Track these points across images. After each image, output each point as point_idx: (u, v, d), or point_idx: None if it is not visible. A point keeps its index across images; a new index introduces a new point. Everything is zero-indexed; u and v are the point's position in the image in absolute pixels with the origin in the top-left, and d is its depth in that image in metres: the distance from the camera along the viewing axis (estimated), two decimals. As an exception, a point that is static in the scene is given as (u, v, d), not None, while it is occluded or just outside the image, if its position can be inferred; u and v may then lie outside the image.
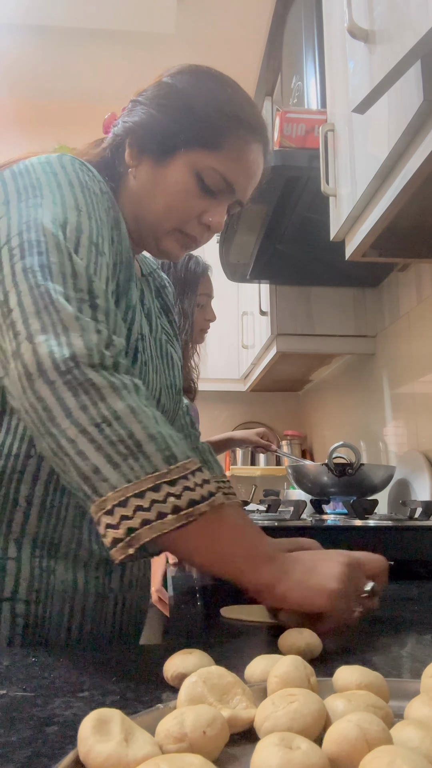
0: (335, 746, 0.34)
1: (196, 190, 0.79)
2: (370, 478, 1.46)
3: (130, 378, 0.59)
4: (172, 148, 0.78)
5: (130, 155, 0.80)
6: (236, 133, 0.79)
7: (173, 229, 0.81)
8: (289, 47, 2.00)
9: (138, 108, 0.81)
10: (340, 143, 1.21)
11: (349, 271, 1.86)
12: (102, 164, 0.81)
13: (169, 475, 0.55)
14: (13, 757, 0.37)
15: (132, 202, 0.81)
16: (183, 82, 0.80)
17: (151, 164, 0.79)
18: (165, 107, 0.79)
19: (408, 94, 0.85)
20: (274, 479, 3.15)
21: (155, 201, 0.80)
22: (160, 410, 0.80)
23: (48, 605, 0.70)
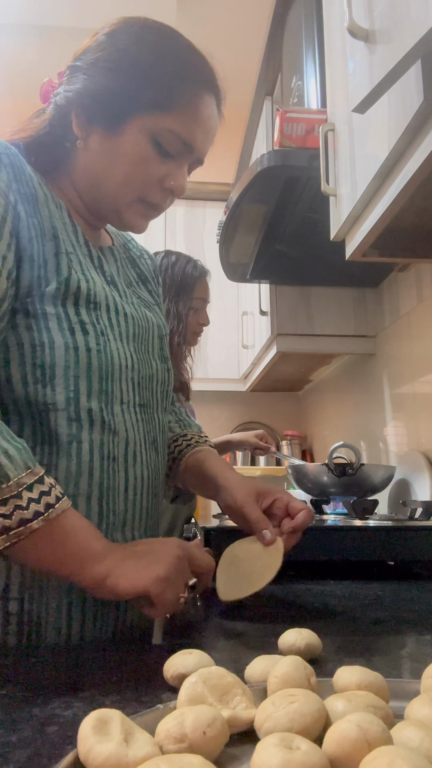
0: (335, 746, 0.34)
1: (154, 155, 0.75)
2: (371, 478, 1.46)
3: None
4: (122, 114, 0.73)
5: (78, 126, 0.75)
6: (187, 90, 0.74)
7: (135, 199, 0.77)
8: (289, 47, 2.00)
9: (79, 74, 0.75)
10: (340, 143, 1.21)
11: (349, 271, 1.86)
12: (43, 138, 0.76)
13: (0, 494, 0.57)
14: (13, 757, 0.37)
15: (86, 175, 0.77)
16: (124, 40, 0.75)
17: (102, 134, 0.74)
18: (108, 70, 0.74)
19: (408, 94, 0.85)
20: (274, 479, 3.15)
21: (112, 172, 0.75)
22: (140, 378, 0.79)
23: (43, 603, 0.69)
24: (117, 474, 0.74)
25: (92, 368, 0.71)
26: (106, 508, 0.72)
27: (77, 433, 0.70)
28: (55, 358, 0.69)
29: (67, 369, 0.69)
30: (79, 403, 0.70)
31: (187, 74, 0.75)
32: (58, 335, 0.69)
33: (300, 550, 1.01)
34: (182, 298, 1.80)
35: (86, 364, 0.70)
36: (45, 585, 0.69)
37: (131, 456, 0.76)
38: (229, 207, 1.70)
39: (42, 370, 0.68)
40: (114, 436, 0.73)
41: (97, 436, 0.72)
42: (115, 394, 0.74)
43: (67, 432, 0.69)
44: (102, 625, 0.73)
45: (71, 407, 0.69)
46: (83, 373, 0.70)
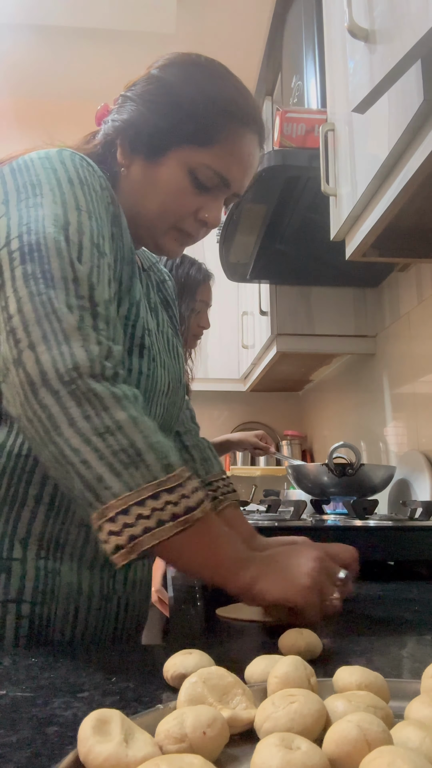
0: (335, 746, 0.34)
1: (189, 187, 0.78)
2: (371, 479, 1.46)
3: (129, 388, 0.60)
4: (163, 146, 0.77)
5: (122, 154, 0.79)
6: (228, 127, 0.77)
7: (170, 227, 0.80)
8: (289, 47, 2.00)
9: (128, 104, 0.79)
10: (340, 143, 1.21)
11: (349, 271, 1.86)
12: (96, 160, 0.79)
13: (168, 483, 0.56)
14: (13, 758, 0.37)
15: (127, 200, 0.80)
16: (171, 76, 0.78)
17: (143, 163, 0.78)
18: (154, 104, 0.77)
19: (408, 94, 0.85)
20: (274, 479, 3.15)
21: (150, 200, 0.79)
22: (169, 403, 0.82)
23: (53, 607, 0.70)
24: None
25: (141, 391, 0.72)
26: None
27: None
28: None
29: None
30: None
31: (229, 112, 0.77)
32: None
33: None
34: (185, 300, 1.80)
35: (136, 386, 0.71)
36: (57, 591, 0.70)
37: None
38: (229, 207, 1.70)
39: None
40: None
41: None
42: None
43: None
44: (104, 629, 0.75)
45: None
46: None
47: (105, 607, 0.75)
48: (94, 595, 0.73)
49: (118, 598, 0.76)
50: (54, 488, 0.70)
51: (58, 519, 0.71)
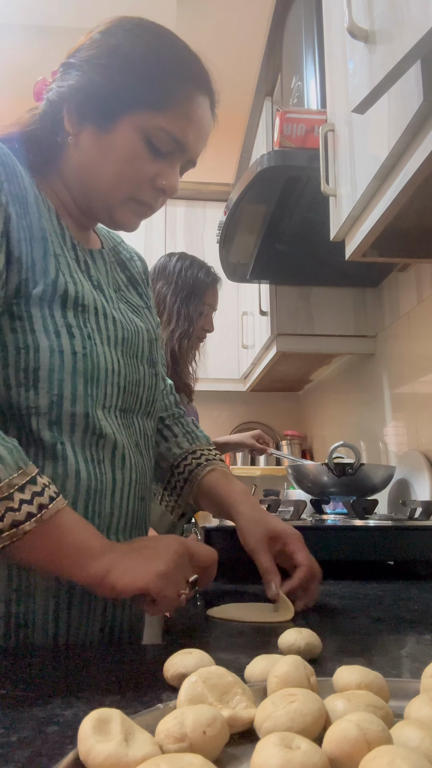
0: (335, 746, 0.34)
1: (146, 153, 0.74)
2: (370, 478, 1.46)
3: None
4: (115, 111, 0.73)
5: (70, 123, 0.74)
6: (182, 90, 0.74)
7: (126, 198, 0.77)
8: (289, 47, 2.00)
9: (72, 71, 0.74)
10: (340, 143, 1.21)
11: (349, 271, 1.86)
12: (34, 133, 0.75)
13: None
14: (13, 757, 0.37)
15: (77, 173, 0.76)
16: (119, 38, 0.74)
17: (94, 131, 0.74)
18: (103, 68, 0.73)
19: (408, 94, 0.85)
20: (274, 479, 3.15)
21: (103, 170, 0.75)
22: (127, 383, 0.78)
23: (30, 604, 0.68)
24: (104, 476, 0.73)
25: (77, 372, 0.70)
26: (91, 510, 0.72)
27: (59, 436, 0.69)
28: (40, 362, 0.68)
29: (51, 372, 0.68)
30: (62, 407, 0.69)
31: (181, 74, 0.75)
32: (44, 338, 0.68)
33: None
34: (193, 302, 1.82)
35: (71, 367, 0.69)
36: (32, 587, 0.69)
37: (119, 459, 0.76)
38: (229, 207, 1.70)
39: (26, 373, 0.67)
40: (100, 440, 0.73)
41: (79, 439, 0.71)
42: (99, 399, 0.73)
43: (50, 435, 0.69)
44: (88, 628, 0.72)
45: (53, 411, 0.69)
46: (68, 376, 0.69)
47: (89, 602, 0.72)
48: (74, 589, 0.71)
49: None
50: None
51: None
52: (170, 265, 1.87)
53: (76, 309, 0.72)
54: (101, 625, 0.74)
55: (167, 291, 1.83)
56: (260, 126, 2.52)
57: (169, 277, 1.85)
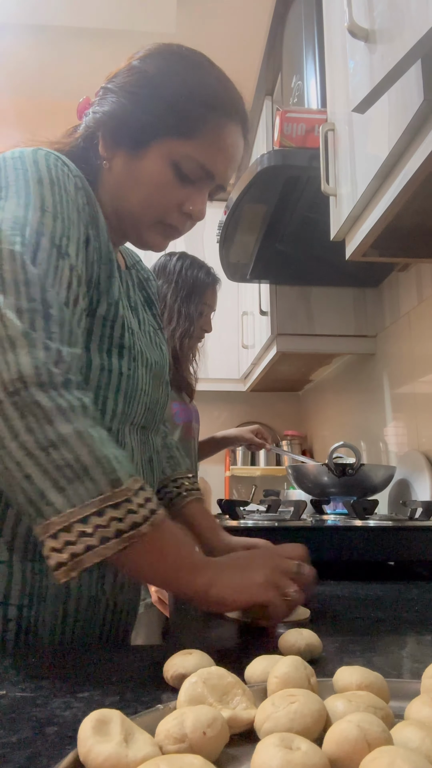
0: (335, 747, 0.34)
1: (173, 180, 0.77)
2: (371, 479, 1.46)
3: (79, 397, 0.58)
4: (145, 139, 0.76)
5: (104, 147, 0.78)
6: (210, 118, 0.76)
7: (155, 221, 0.80)
8: (289, 47, 2.00)
9: (109, 96, 0.78)
10: (340, 143, 1.21)
11: (349, 271, 1.86)
12: (77, 154, 0.78)
13: (114, 498, 0.55)
14: (13, 758, 0.37)
15: (110, 195, 0.79)
16: (153, 67, 0.77)
17: (126, 156, 0.77)
18: (135, 96, 0.76)
19: (408, 94, 0.85)
20: (274, 479, 3.15)
21: (134, 194, 0.78)
22: (151, 402, 0.81)
23: (40, 609, 0.69)
24: None
25: (120, 391, 0.73)
26: None
27: None
28: (90, 379, 0.71)
29: (98, 390, 0.71)
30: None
31: (211, 104, 0.77)
32: (97, 357, 0.71)
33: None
34: (193, 301, 1.82)
35: (116, 386, 0.73)
36: (44, 593, 0.69)
37: (137, 473, 0.77)
38: (229, 207, 1.70)
39: None
40: None
41: None
42: (129, 416, 0.76)
43: None
44: (91, 631, 0.74)
45: None
46: (112, 395, 0.73)
47: (93, 608, 0.74)
48: (82, 596, 0.73)
49: (106, 600, 0.76)
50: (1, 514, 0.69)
51: None
52: (170, 264, 1.87)
53: (124, 330, 0.75)
54: (100, 631, 0.76)
55: (167, 290, 1.83)
56: (260, 125, 2.52)
57: (170, 276, 1.85)
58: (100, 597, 0.75)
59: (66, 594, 0.71)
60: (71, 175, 0.71)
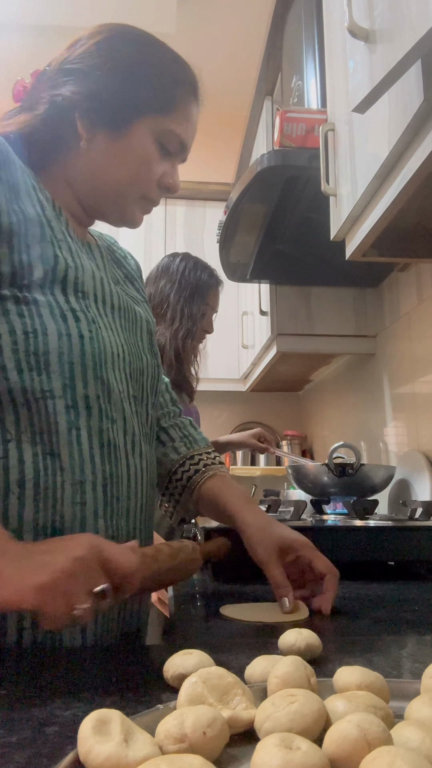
0: (335, 747, 0.34)
1: (157, 155, 0.80)
2: (371, 479, 1.46)
3: None
4: (128, 117, 0.77)
5: (83, 128, 0.77)
6: (182, 93, 0.80)
7: (138, 197, 0.81)
8: (289, 47, 2.00)
9: (78, 77, 0.77)
10: (340, 143, 1.21)
11: (349, 271, 1.86)
12: (36, 135, 0.77)
13: None
14: (13, 758, 0.37)
15: (89, 174, 0.79)
16: (123, 46, 0.79)
17: (108, 135, 0.77)
18: (113, 74, 0.76)
19: (408, 94, 0.85)
20: (274, 479, 3.15)
21: (119, 171, 0.79)
22: (133, 371, 0.79)
23: None
24: (119, 462, 0.74)
25: (86, 355, 0.70)
26: (110, 495, 0.72)
27: (75, 420, 0.70)
28: (49, 345, 0.68)
29: (61, 355, 0.69)
30: (75, 389, 0.70)
31: (181, 80, 0.81)
32: (51, 322, 0.69)
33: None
34: (196, 302, 1.83)
35: (80, 350, 0.70)
36: None
37: (130, 445, 0.77)
38: (229, 207, 1.70)
39: (36, 357, 0.67)
40: (113, 424, 0.74)
41: (95, 424, 0.71)
42: (111, 383, 0.74)
43: (66, 419, 0.69)
44: (103, 632, 0.73)
45: (68, 394, 0.69)
46: (77, 359, 0.70)
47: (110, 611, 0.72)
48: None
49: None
50: (34, 470, 0.67)
51: (48, 501, 0.67)
52: (173, 264, 1.88)
53: (77, 294, 0.73)
54: (118, 630, 0.75)
55: (170, 290, 1.84)
56: (260, 125, 2.52)
57: (173, 276, 1.86)
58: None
59: None
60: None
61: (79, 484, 0.69)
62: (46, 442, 0.68)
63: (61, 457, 0.69)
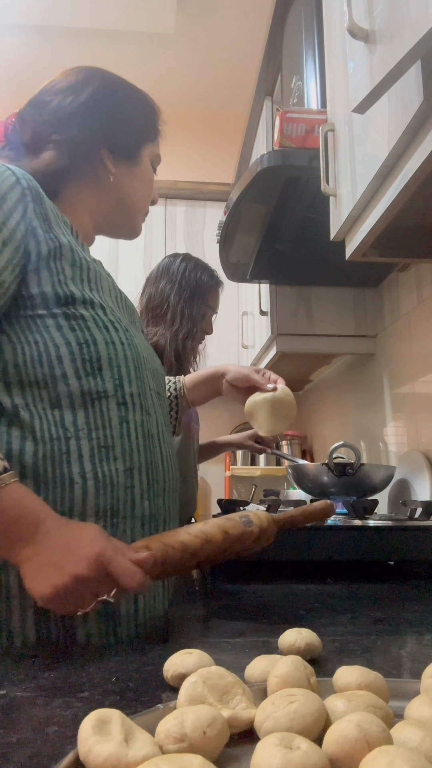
0: (335, 746, 0.34)
1: (152, 174, 1.00)
2: (371, 478, 1.46)
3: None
4: (138, 149, 0.96)
5: (110, 164, 0.93)
6: (158, 122, 1.00)
7: (145, 210, 1.01)
8: (289, 47, 2.00)
9: (88, 122, 0.91)
10: (340, 143, 1.21)
11: (349, 271, 1.86)
12: (58, 169, 0.89)
13: None
14: (13, 757, 0.37)
15: (113, 197, 0.95)
16: (115, 92, 0.95)
17: (126, 166, 0.95)
18: (120, 118, 0.94)
19: (408, 94, 0.85)
20: (274, 479, 3.15)
21: (137, 192, 0.98)
22: (155, 371, 0.92)
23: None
24: (155, 450, 0.85)
25: (128, 359, 0.82)
26: (152, 479, 0.83)
27: (125, 415, 0.80)
28: (100, 353, 0.79)
29: (110, 361, 0.80)
30: (123, 389, 0.81)
31: (156, 110, 1.00)
32: (98, 333, 0.80)
33: (300, 550, 1.01)
34: (196, 302, 1.83)
35: (123, 355, 0.82)
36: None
37: (161, 434, 0.88)
38: (229, 207, 1.70)
39: (90, 363, 0.78)
40: (149, 417, 0.85)
41: (139, 417, 0.82)
42: (145, 381, 0.86)
43: (118, 414, 0.79)
44: (111, 629, 0.76)
45: (118, 393, 0.80)
46: (123, 363, 0.81)
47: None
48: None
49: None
50: (92, 464, 0.76)
51: (105, 489, 0.76)
52: (174, 265, 1.88)
53: (106, 306, 0.84)
54: (127, 626, 0.77)
55: (171, 290, 1.84)
56: (260, 126, 2.52)
57: (173, 277, 1.85)
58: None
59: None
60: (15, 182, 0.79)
61: (129, 470, 0.79)
62: (101, 436, 0.78)
63: (114, 448, 0.78)
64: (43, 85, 0.93)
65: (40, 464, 0.74)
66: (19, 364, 0.76)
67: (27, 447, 0.74)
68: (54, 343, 0.77)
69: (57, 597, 0.60)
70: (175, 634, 0.73)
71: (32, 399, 0.76)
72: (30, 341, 0.77)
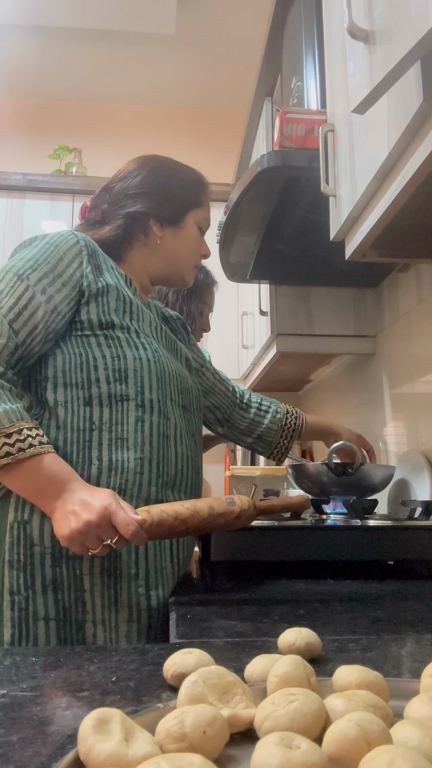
0: (335, 746, 0.34)
1: (199, 236, 1.23)
2: (370, 478, 1.46)
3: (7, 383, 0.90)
4: (182, 216, 1.19)
5: (157, 229, 1.17)
6: (206, 191, 1.23)
7: (194, 265, 1.23)
8: (289, 47, 2.00)
9: (143, 198, 1.16)
10: (340, 143, 1.21)
11: (349, 271, 1.86)
12: (111, 240, 1.14)
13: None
14: (13, 757, 0.37)
15: (163, 257, 1.19)
16: (164, 171, 1.19)
17: (172, 230, 1.18)
18: (168, 192, 1.17)
19: (408, 94, 0.85)
20: (274, 479, 3.15)
21: (184, 252, 1.21)
22: (183, 389, 1.11)
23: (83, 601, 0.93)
24: (169, 448, 1.03)
25: (152, 372, 1.03)
26: (161, 470, 1.01)
27: (141, 415, 1.00)
28: (127, 365, 1.01)
29: (135, 372, 1.01)
30: (143, 394, 1.01)
31: (203, 182, 1.23)
32: (128, 350, 1.02)
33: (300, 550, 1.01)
34: (194, 300, 1.86)
35: (147, 369, 1.02)
36: (88, 588, 0.91)
37: (179, 437, 1.06)
38: (229, 207, 1.70)
39: (119, 372, 1.00)
40: (167, 421, 1.04)
41: (156, 419, 1.02)
42: (167, 392, 1.05)
43: (135, 414, 1.00)
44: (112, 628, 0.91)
45: (138, 397, 1.00)
46: (146, 374, 1.02)
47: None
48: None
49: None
50: (108, 450, 0.97)
51: (118, 471, 0.97)
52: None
53: (142, 332, 1.06)
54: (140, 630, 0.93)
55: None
56: (260, 126, 2.52)
57: None
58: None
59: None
60: (67, 242, 1.04)
61: (140, 459, 0.99)
62: (119, 430, 0.99)
63: (128, 441, 0.98)
64: (113, 175, 1.20)
65: (68, 448, 0.96)
66: (65, 370, 0.99)
67: (59, 435, 0.96)
68: (93, 355, 1.00)
69: (73, 538, 0.82)
70: (175, 633, 0.73)
71: (70, 397, 0.98)
72: (76, 353, 1.00)
